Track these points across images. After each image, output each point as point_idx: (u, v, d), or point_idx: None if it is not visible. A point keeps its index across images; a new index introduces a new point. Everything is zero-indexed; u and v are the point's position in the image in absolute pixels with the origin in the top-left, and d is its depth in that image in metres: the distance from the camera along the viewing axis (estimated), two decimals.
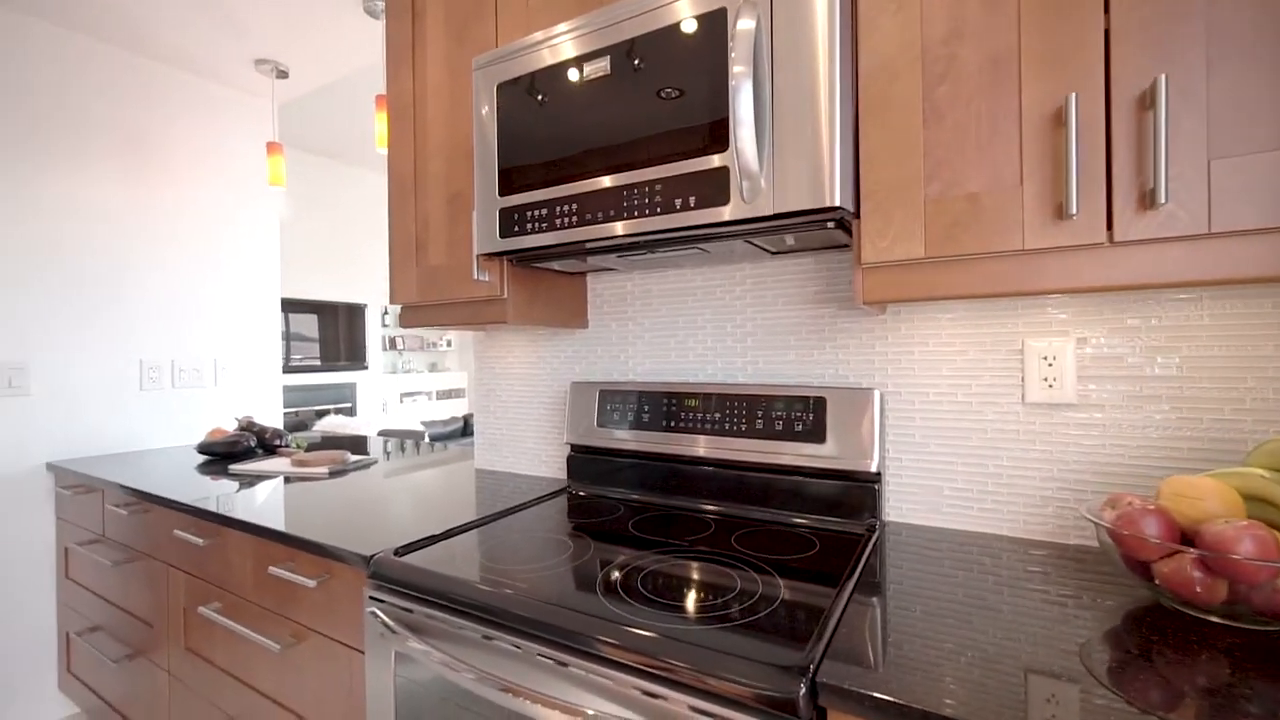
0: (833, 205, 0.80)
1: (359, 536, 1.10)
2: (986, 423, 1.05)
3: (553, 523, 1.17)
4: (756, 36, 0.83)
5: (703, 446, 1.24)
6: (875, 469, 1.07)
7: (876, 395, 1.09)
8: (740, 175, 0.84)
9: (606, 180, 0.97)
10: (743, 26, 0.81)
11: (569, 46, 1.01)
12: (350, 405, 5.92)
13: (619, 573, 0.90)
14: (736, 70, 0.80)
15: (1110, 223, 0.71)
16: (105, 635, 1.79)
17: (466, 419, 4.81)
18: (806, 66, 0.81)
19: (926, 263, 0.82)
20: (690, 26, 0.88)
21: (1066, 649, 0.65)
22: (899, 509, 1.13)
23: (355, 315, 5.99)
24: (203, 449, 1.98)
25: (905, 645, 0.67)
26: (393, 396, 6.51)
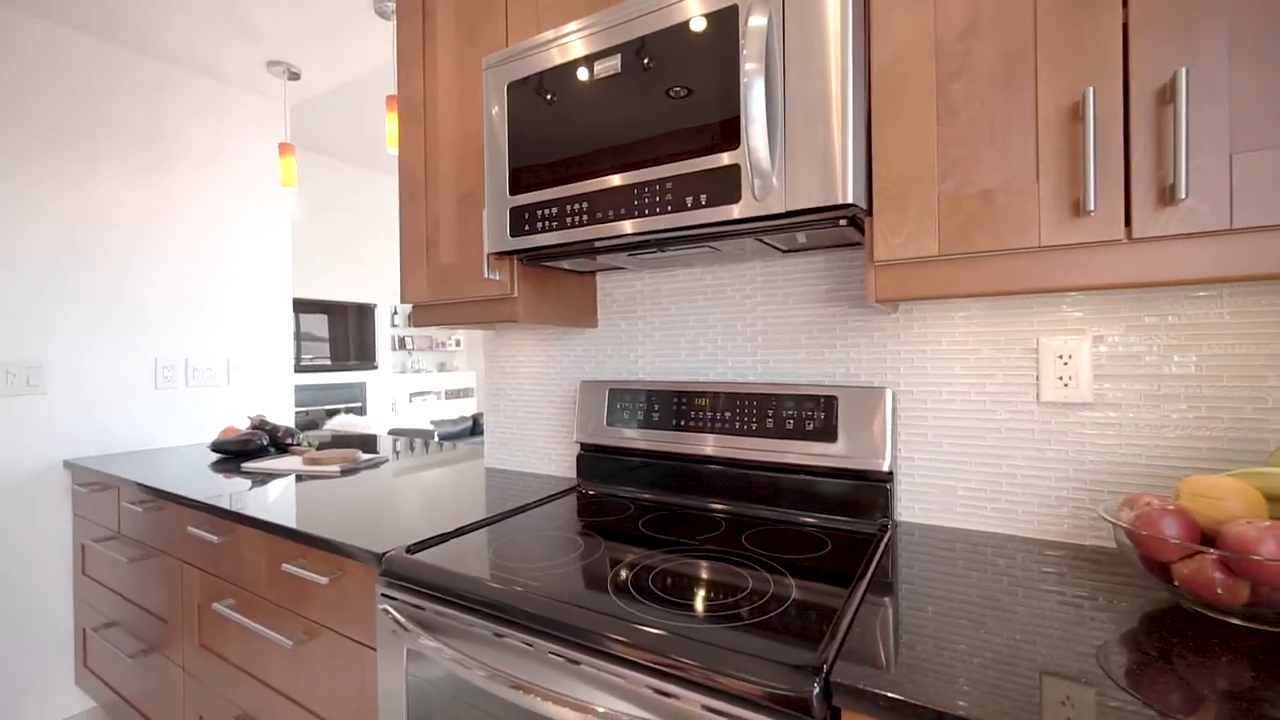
0: (845, 203, 0.79)
1: (370, 534, 1.11)
2: (1000, 422, 1.04)
3: (563, 521, 1.17)
4: (768, 33, 0.83)
5: (713, 445, 1.24)
6: (887, 468, 1.07)
7: (888, 394, 1.08)
8: (752, 173, 0.84)
9: (616, 179, 0.97)
10: (754, 23, 0.81)
11: (579, 45, 1.01)
12: (360, 405, 5.97)
13: (630, 571, 0.90)
14: (748, 67, 0.80)
15: (1129, 219, 0.70)
16: (121, 631, 1.81)
17: (475, 418, 4.84)
18: (818, 63, 0.80)
19: (940, 260, 0.81)
20: (701, 24, 0.88)
21: (1083, 651, 0.65)
22: (911, 509, 1.12)
23: (365, 315, 6.04)
24: (216, 447, 2.00)
25: (918, 646, 0.67)
26: (402, 396, 6.55)
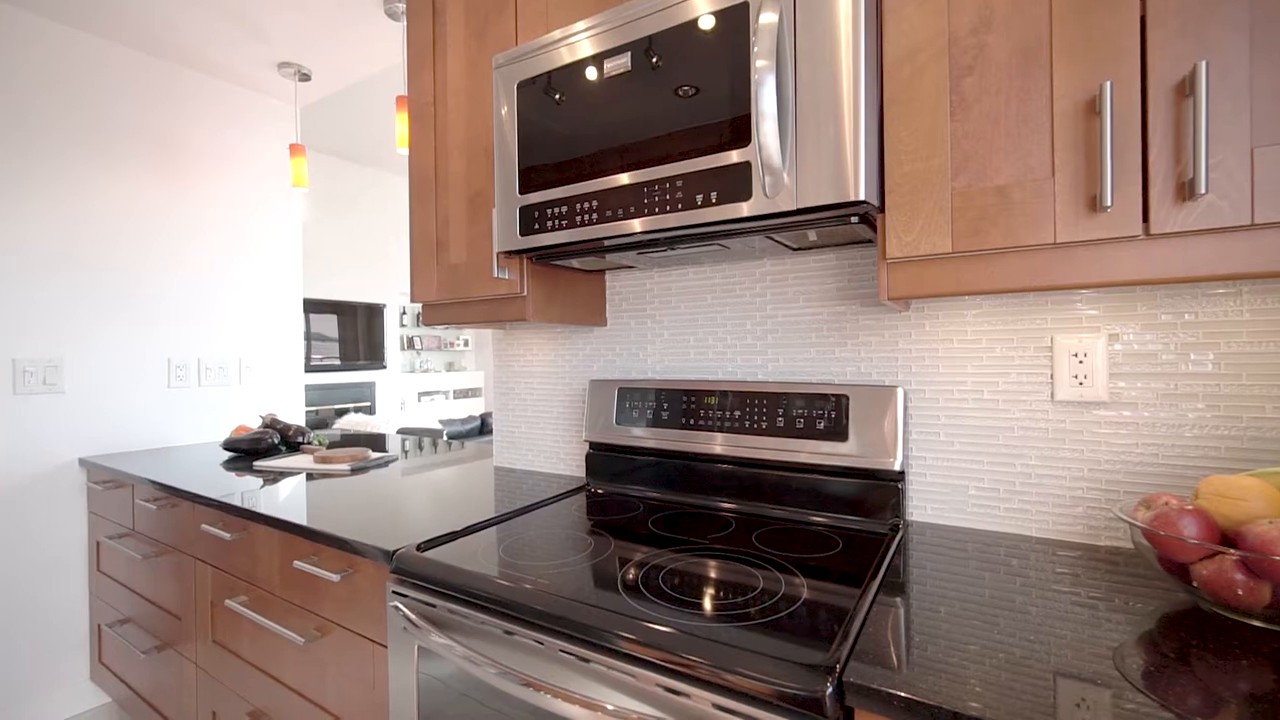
0: (857, 200, 0.79)
1: (381, 532, 1.12)
2: (1014, 421, 1.03)
3: (572, 520, 1.17)
4: (779, 29, 0.82)
5: (722, 444, 1.24)
6: (899, 468, 1.06)
7: (900, 393, 1.07)
8: (763, 170, 0.83)
9: (626, 177, 0.97)
10: (765, 20, 0.80)
11: (588, 44, 1.01)
12: (369, 404, 6.01)
13: (639, 570, 0.90)
14: (759, 64, 0.80)
15: (1146, 214, 0.69)
16: (135, 627, 1.83)
17: (484, 417, 4.85)
18: (829, 59, 0.80)
19: (953, 257, 0.80)
20: (711, 22, 0.88)
21: (1098, 652, 0.64)
22: (923, 508, 1.11)
23: (374, 315, 6.07)
24: (228, 446, 2.01)
25: (930, 646, 0.66)
26: (411, 395, 6.58)
